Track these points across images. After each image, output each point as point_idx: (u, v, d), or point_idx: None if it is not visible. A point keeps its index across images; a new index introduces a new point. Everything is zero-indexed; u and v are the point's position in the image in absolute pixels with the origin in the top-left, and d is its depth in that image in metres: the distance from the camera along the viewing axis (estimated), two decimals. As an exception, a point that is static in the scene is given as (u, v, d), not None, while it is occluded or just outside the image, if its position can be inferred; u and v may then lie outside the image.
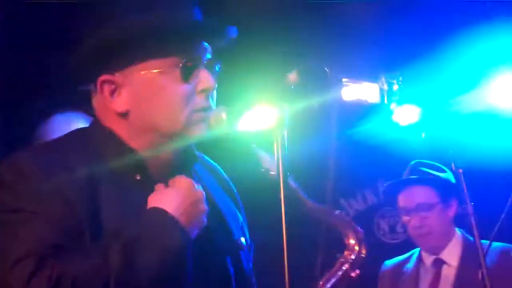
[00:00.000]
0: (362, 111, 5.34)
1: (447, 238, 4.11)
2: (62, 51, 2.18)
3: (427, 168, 4.21)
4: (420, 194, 4.12)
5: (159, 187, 2.08)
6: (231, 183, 2.43)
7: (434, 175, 4.15)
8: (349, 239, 2.56)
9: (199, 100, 2.08)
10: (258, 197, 2.53)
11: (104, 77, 2.08)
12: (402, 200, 4.17)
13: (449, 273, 4.05)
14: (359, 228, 2.63)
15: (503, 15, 4.77)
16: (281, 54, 4.46)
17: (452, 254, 4.08)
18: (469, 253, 3.98)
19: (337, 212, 2.61)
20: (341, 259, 2.53)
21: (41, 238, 1.90)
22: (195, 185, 2.08)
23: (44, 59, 4.55)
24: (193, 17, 2.12)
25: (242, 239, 2.26)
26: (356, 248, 2.54)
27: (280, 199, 1.99)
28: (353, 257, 2.53)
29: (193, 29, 2.11)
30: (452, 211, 4.13)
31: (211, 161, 2.43)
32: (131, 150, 2.10)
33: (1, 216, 1.98)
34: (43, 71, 4.54)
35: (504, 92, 4.99)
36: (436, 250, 4.10)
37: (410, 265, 4.21)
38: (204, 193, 2.08)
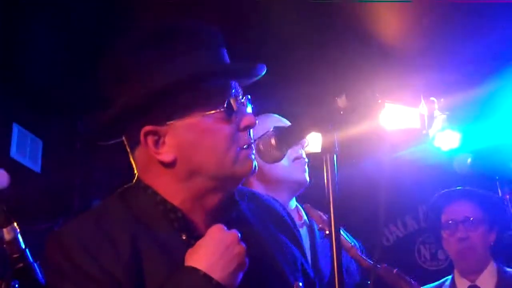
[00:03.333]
0: (403, 136, 5.32)
1: (484, 263, 4.05)
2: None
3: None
4: (469, 208, 4.07)
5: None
6: (287, 218, 2.35)
7: (487, 194, 4.11)
8: None
9: (243, 137, 2.07)
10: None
11: (147, 128, 2.03)
12: (450, 212, 4.11)
13: None
14: (416, 284, 2.61)
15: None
16: (328, 79, 4.47)
17: (487, 282, 4.01)
18: (504, 284, 3.94)
19: (395, 271, 2.60)
20: None
21: None
22: (225, 229, 2.01)
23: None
24: (226, 61, 2.11)
25: (300, 284, 2.16)
26: None
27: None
28: None
29: (230, 72, 2.11)
30: (492, 238, 4.08)
31: (264, 197, 2.37)
32: (175, 210, 2.06)
33: None
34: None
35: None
36: (472, 273, 4.04)
37: None
38: (238, 234, 2.01)
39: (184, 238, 2.04)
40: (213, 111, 2.03)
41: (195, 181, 2.06)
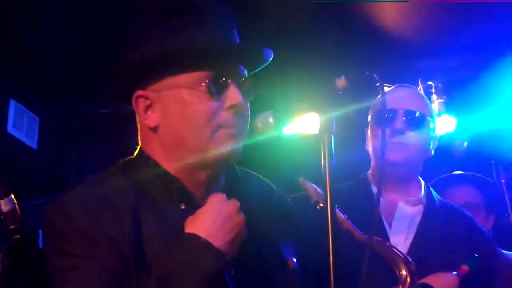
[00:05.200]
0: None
1: None
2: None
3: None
4: (469, 193, 4.07)
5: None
6: (284, 201, 2.42)
7: (485, 179, 4.12)
8: (401, 271, 2.56)
9: (226, 117, 2.09)
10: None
11: (138, 92, 2.13)
12: (450, 197, 4.10)
13: None
14: (410, 259, 2.62)
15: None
16: (328, 60, 4.47)
17: None
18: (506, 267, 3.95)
19: (388, 243, 2.61)
20: None
21: (91, 284, 1.93)
22: (225, 198, 2.06)
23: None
24: (221, 37, 2.14)
25: (294, 260, 2.23)
26: (408, 280, 2.55)
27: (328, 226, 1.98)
28: None
29: (220, 48, 2.13)
30: (490, 222, 4.09)
31: (266, 181, 2.42)
32: (175, 180, 2.12)
33: (53, 260, 2.01)
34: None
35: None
36: None
37: None
38: (235, 203, 2.06)
39: (183, 208, 2.09)
40: (197, 86, 2.07)
41: (179, 152, 2.11)
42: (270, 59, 2.19)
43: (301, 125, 2.86)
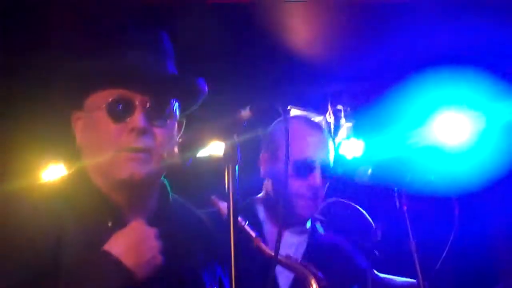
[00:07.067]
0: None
1: None
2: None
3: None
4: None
5: None
6: (209, 228, 2.49)
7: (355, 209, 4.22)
8: (311, 287, 2.64)
9: (127, 139, 2.13)
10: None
11: (76, 113, 2.23)
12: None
13: None
14: (321, 275, 2.69)
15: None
16: (238, 86, 4.50)
17: None
18: None
19: (299, 261, 2.68)
20: None
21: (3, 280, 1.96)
22: (144, 224, 2.12)
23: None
24: (132, 62, 2.18)
25: None
26: None
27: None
28: None
29: (126, 72, 2.16)
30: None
31: (193, 209, 2.50)
32: (105, 198, 2.17)
33: None
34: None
35: (446, 129, 5.17)
36: None
37: None
38: (153, 230, 2.12)
39: (110, 225, 2.14)
40: (104, 107, 2.14)
41: (97, 173, 2.19)
42: (196, 88, 2.26)
43: (213, 148, 2.91)
